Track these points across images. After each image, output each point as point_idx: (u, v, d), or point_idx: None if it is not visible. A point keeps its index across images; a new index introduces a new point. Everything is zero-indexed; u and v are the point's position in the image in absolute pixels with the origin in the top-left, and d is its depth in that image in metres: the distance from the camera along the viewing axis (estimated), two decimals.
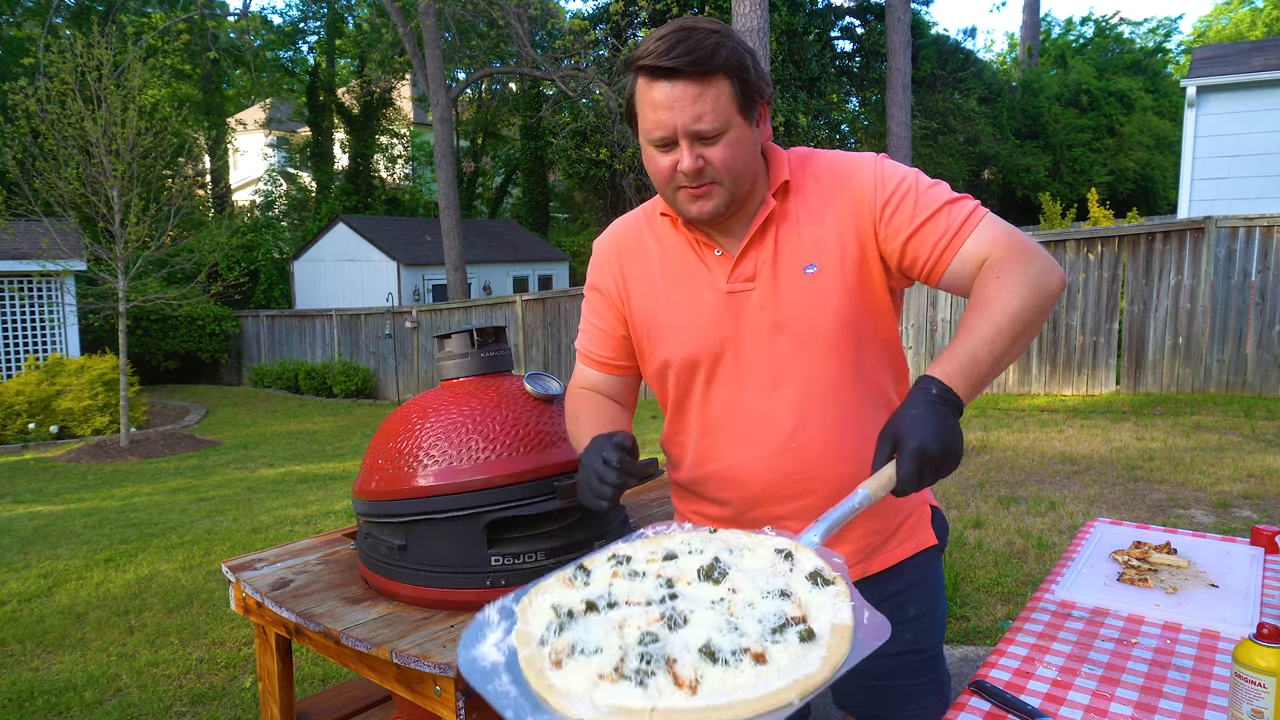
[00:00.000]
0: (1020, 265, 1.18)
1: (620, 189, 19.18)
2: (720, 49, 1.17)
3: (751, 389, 1.31)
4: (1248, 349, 7.36)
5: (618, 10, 16.49)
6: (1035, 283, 1.17)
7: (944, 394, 1.08)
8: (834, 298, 1.27)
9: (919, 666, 1.45)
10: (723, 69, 1.18)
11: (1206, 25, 37.51)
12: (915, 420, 1.06)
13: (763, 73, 1.24)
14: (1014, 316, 1.14)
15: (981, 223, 1.23)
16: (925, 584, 1.46)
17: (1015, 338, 1.14)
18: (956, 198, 1.26)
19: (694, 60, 1.16)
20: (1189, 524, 4.21)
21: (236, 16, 21.28)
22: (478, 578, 1.64)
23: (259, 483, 7.70)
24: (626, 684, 0.77)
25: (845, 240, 1.28)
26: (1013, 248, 1.21)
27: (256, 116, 26.84)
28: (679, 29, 1.19)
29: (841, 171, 1.31)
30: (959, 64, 25.57)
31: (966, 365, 1.11)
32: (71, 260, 11.95)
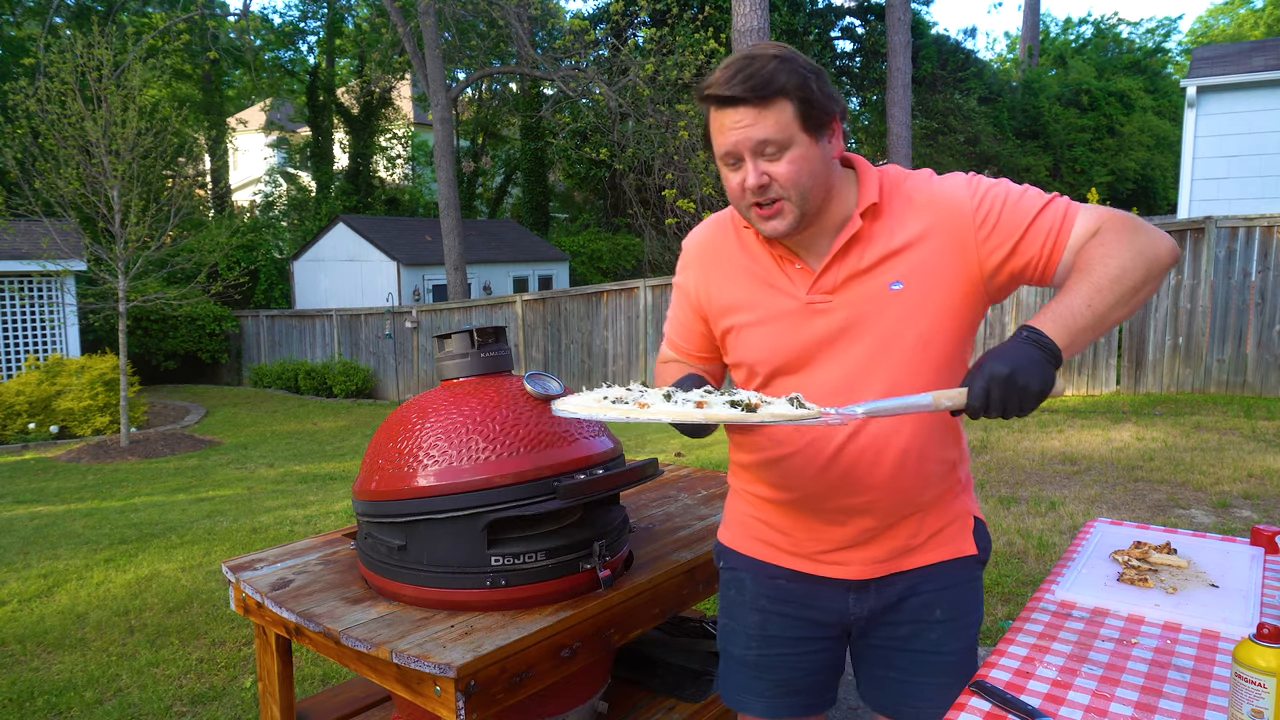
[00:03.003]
0: (1124, 233, 1.23)
1: (620, 189, 19.17)
2: (779, 73, 1.22)
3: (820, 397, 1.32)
4: (1248, 349, 7.36)
5: (618, 10, 16.49)
6: (1140, 248, 1.21)
7: (1034, 335, 1.15)
8: (917, 316, 1.31)
9: (942, 668, 1.46)
10: (783, 92, 1.22)
11: (1206, 25, 37.51)
12: (998, 350, 1.13)
13: (829, 91, 1.27)
14: (1115, 277, 1.19)
15: (1082, 210, 1.28)
16: (956, 590, 1.47)
17: (1117, 299, 1.19)
18: (1052, 197, 1.31)
19: (753, 87, 1.21)
20: (1189, 524, 4.21)
21: (236, 16, 21.28)
22: (478, 578, 1.64)
23: (259, 483, 7.70)
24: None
25: (937, 261, 1.31)
26: (1117, 220, 1.26)
27: (256, 117, 26.84)
28: (742, 58, 1.24)
29: (935, 192, 1.34)
30: (959, 64, 25.57)
31: (1062, 315, 1.17)
32: (72, 260, 11.95)
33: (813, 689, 1.52)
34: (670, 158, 14.45)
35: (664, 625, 2.47)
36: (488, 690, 1.46)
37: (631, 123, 15.14)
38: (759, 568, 1.51)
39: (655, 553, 1.98)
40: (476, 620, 1.60)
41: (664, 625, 2.47)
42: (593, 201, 23.85)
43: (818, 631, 1.49)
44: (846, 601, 1.46)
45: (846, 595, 1.46)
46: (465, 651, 1.45)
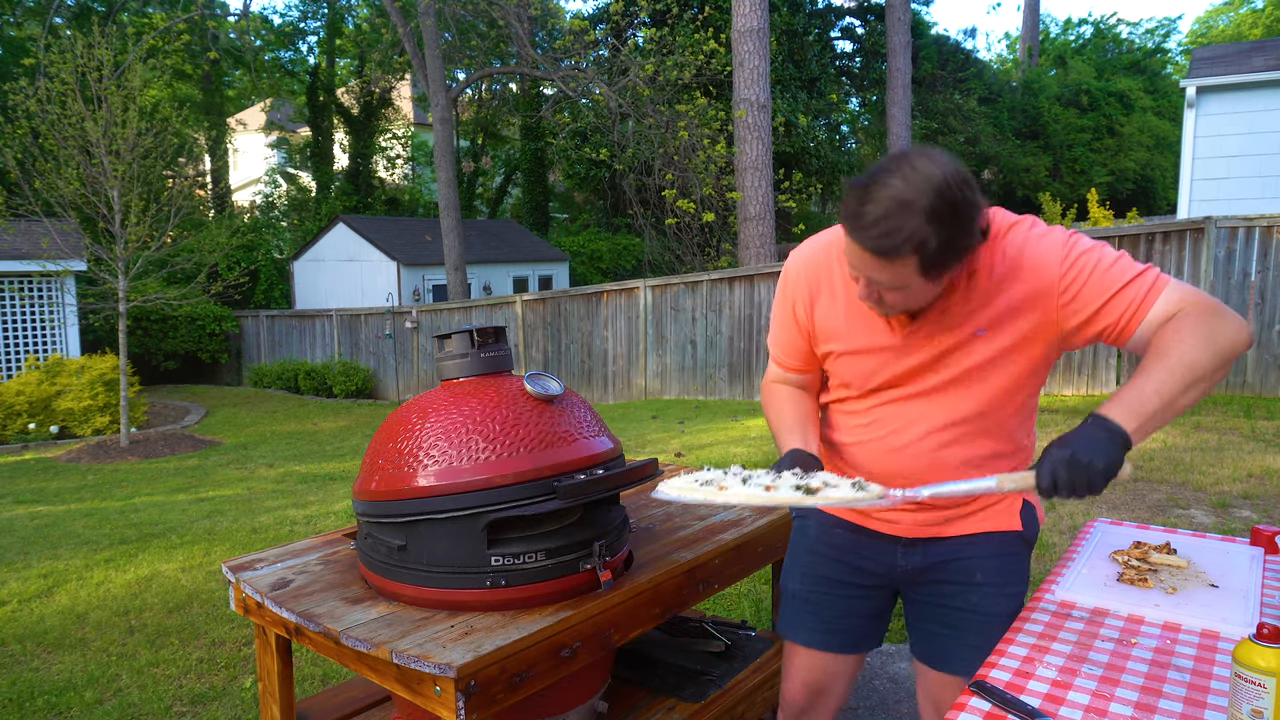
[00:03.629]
0: (1200, 320, 1.29)
1: (620, 189, 19.17)
2: (902, 235, 1.23)
3: (901, 423, 1.53)
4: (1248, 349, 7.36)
5: (618, 10, 16.49)
6: (1213, 336, 1.28)
7: (1101, 421, 1.25)
8: (997, 361, 1.45)
9: (979, 628, 1.59)
10: (909, 250, 1.25)
11: (1206, 25, 37.51)
12: (1066, 435, 1.26)
13: (955, 243, 1.27)
14: (1187, 365, 1.26)
15: (1167, 288, 1.35)
16: (998, 559, 1.60)
17: (1186, 385, 1.26)
18: (1141, 270, 1.37)
19: (881, 248, 1.25)
20: (1189, 524, 4.21)
21: (237, 17, 21.27)
22: (478, 578, 1.64)
23: (259, 483, 7.70)
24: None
25: (1019, 315, 1.41)
26: (1197, 306, 1.32)
27: (256, 117, 26.83)
28: (882, 202, 1.24)
29: (1029, 254, 1.40)
30: (959, 64, 25.58)
31: (1131, 401, 1.26)
32: (72, 260, 11.95)
33: (853, 630, 1.72)
34: (670, 158, 14.44)
35: (664, 625, 2.47)
36: (488, 690, 1.46)
37: (631, 123, 15.15)
38: (821, 516, 1.73)
39: (655, 553, 1.98)
40: (476, 620, 1.60)
41: (664, 625, 2.47)
42: (593, 201, 23.85)
43: (865, 579, 1.68)
44: (895, 555, 1.64)
45: (895, 550, 1.64)
46: (465, 651, 1.45)
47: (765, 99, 12.21)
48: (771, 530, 2.21)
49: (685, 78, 14.36)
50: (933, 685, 1.68)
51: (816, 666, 1.74)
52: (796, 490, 1.31)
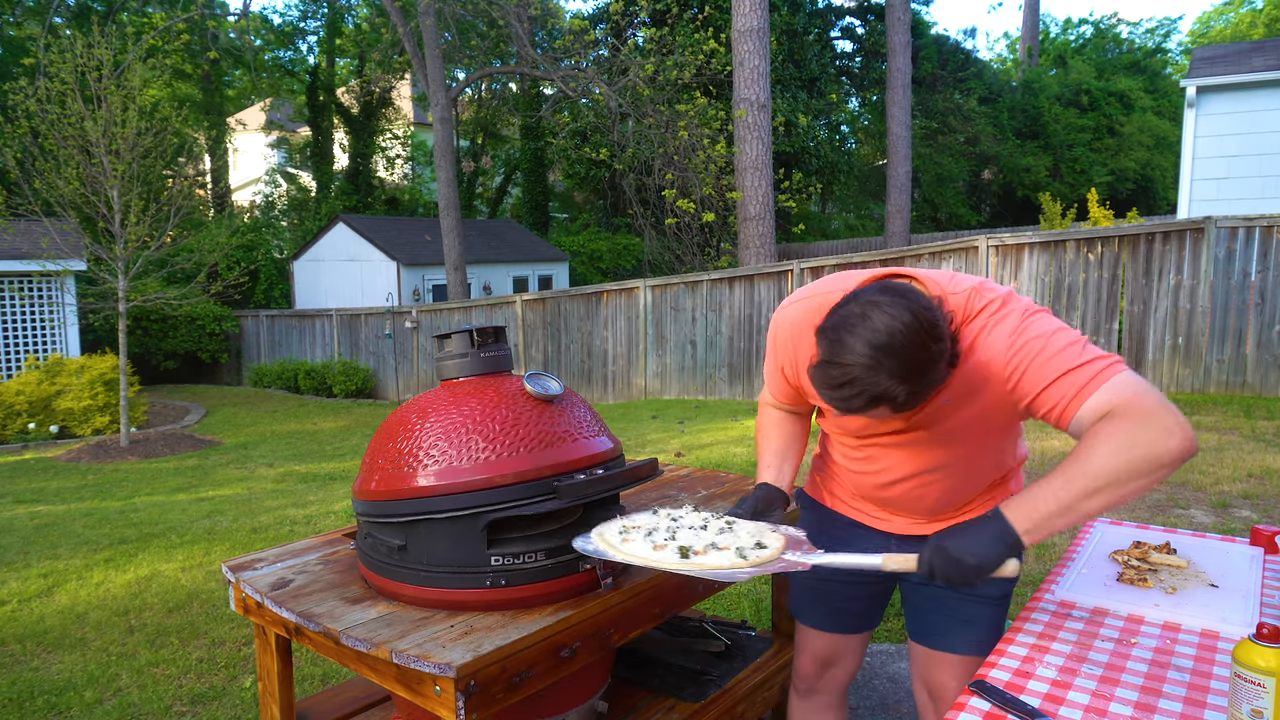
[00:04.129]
0: (1122, 427, 1.28)
1: (620, 189, 19.17)
2: (868, 396, 1.30)
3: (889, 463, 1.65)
4: (1248, 349, 7.36)
5: (618, 10, 16.49)
6: (1131, 445, 1.26)
7: (997, 519, 1.33)
8: (967, 423, 1.52)
9: (966, 606, 1.70)
10: (876, 406, 1.33)
11: (1206, 25, 37.51)
12: (958, 526, 1.37)
13: (922, 389, 1.32)
14: (1089, 473, 1.28)
15: (1110, 382, 1.32)
16: None
17: (1087, 492, 1.28)
18: (1086, 361, 1.36)
19: (849, 409, 1.34)
20: (1189, 524, 4.21)
21: (236, 16, 21.27)
22: (478, 578, 1.64)
23: (259, 483, 7.70)
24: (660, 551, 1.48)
25: (980, 393, 1.47)
26: (1131, 409, 1.29)
27: (256, 117, 26.82)
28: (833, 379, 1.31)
29: (982, 343, 1.45)
30: (959, 64, 25.57)
31: (1029, 502, 1.33)
32: (71, 260, 11.95)
33: (855, 612, 1.86)
34: (670, 158, 14.44)
35: (664, 625, 2.47)
36: (488, 690, 1.46)
37: (631, 123, 15.14)
38: (822, 510, 1.87)
39: None
40: (476, 620, 1.60)
41: (664, 625, 2.47)
42: (593, 201, 23.85)
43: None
44: (889, 546, 1.75)
45: (888, 544, 1.75)
46: (465, 651, 1.45)
47: (765, 99, 12.21)
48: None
49: (685, 77, 14.35)
50: (922, 661, 1.78)
51: (824, 644, 1.90)
52: (678, 554, 1.45)
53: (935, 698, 1.77)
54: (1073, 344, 1.38)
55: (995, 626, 1.71)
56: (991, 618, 1.70)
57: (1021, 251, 8.40)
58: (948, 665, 1.74)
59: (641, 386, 11.61)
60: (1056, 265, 8.20)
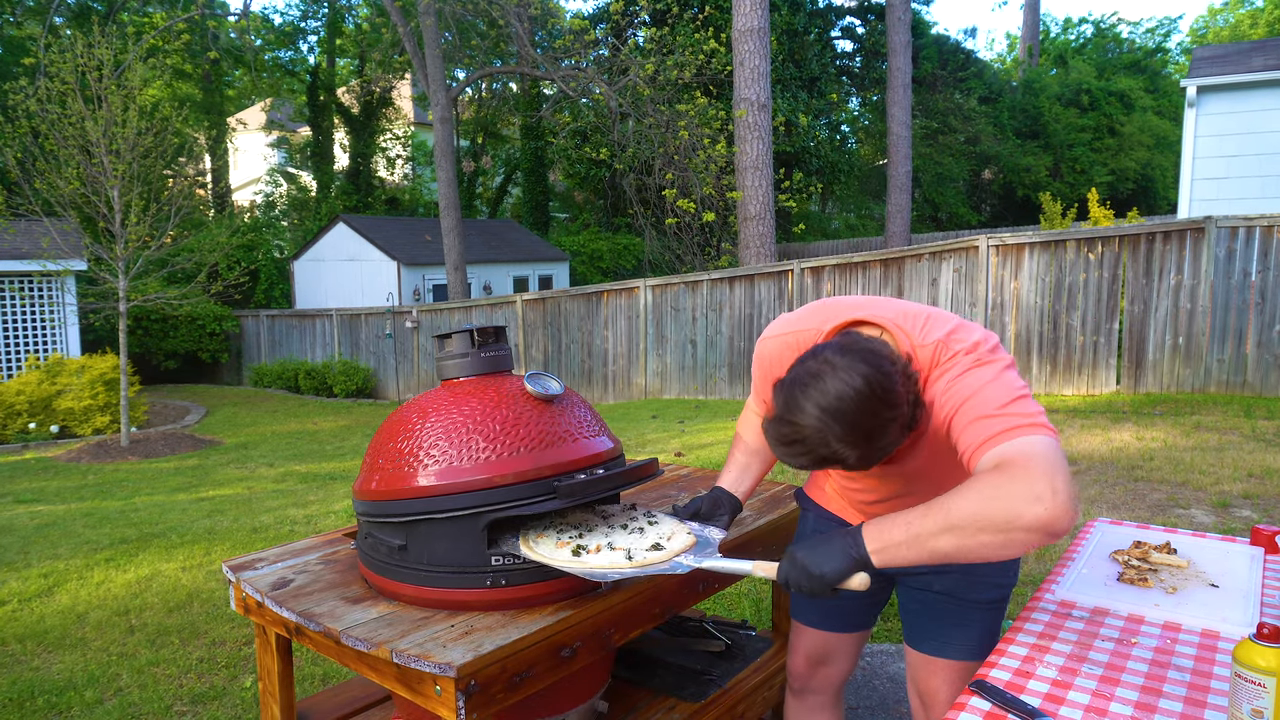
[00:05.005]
0: (1000, 479, 1.24)
1: (620, 189, 19.18)
2: (819, 456, 1.36)
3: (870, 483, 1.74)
4: (1248, 349, 7.36)
5: (618, 10, 16.50)
6: (993, 496, 1.22)
7: (853, 536, 1.35)
8: (929, 459, 1.57)
9: (955, 611, 1.71)
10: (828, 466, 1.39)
11: (1206, 25, 37.50)
12: (817, 539, 1.40)
13: (873, 451, 1.36)
14: (944, 510, 1.26)
15: (1017, 439, 1.28)
16: None
17: (939, 529, 1.25)
18: (1003, 414, 1.32)
19: (802, 466, 1.42)
20: (1189, 524, 4.21)
21: (237, 16, 21.27)
22: (478, 578, 1.64)
23: (259, 482, 7.71)
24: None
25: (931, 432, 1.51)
26: (1014, 465, 1.25)
27: (257, 117, 26.82)
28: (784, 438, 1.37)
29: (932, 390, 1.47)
30: (959, 64, 25.57)
31: (884, 527, 1.33)
32: (72, 260, 11.95)
33: (847, 612, 1.89)
34: (670, 158, 14.45)
35: (664, 625, 2.47)
36: (488, 690, 1.46)
37: (631, 122, 15.15)
38: (819, 510, 1.93)
39: None
40: (476, 620, 1.60)
41: (664, 625, 2.47)
42: (593, 201, 23.85)
43: None
44: None
45: None
46: (465, 651, 1.45)
47: (765, 98, 12.20)
48: (772, 530, 2.21)
49: (685, 77, 14.36)
50: (914, 666, 1.80)
51: (816, 642, 1.92)
52: (570, 552, 1.58)
53: (926, 703, 1.77)
54: (1008, 399, 1.34)
55: (987, 632, 1.70)
56: (982, 623, 1.70)
57: (1022, 251, 8.40)
58: (939, 670, 1.73)
59: (642, 386, 11.61)
60: (1057, 265, 8.20)
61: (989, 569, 1.69)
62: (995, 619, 1.71)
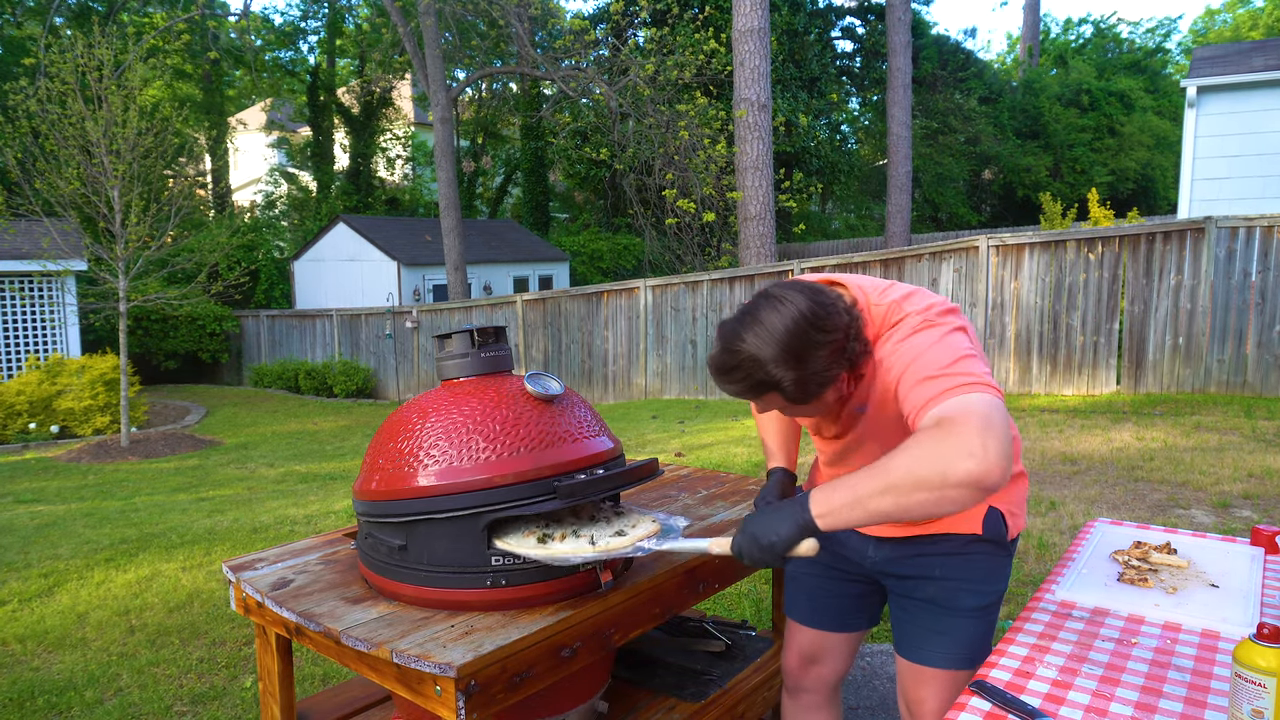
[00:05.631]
0: (936, 435, 1.26)
1: (620, 189, 19.17)
2: (753, 381, 1.41)
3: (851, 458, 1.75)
4: (1248, 349, 7.36)
5: (618, 10, 16.50)
6: (931, 453, 1.24)
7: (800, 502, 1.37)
8: (876, 425, 1.60)
9: (939, 618, 1.69)
10: (766, 389, 1.42)
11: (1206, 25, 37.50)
12: (766, 509, 1.43)
13: (809, 379, 1.40)
14: (884, 469, 1.28)
15: (956, 398, 1.31)
16: (956, 557, 1.67)
17: (880, 489, 1.27)
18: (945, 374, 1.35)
19: (738, 393, 1.46)
20: (1189, 524, 4.21)
21: (237, 16, 21.27)
22: (478, 578, 1.64)
23: (259, 482, 7.71)
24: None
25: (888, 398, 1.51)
26: (950, 422, 1.26)
27: (257, 117, 26.82)
28: (723, 364, 1.43)
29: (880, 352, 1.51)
30: (959, 64, 25.57)
31: (828, 490, 1.35)
32: (72, 260, 11.95)
33: (836, 610, 1.90)
34: (670, 158, 14.44)
35: (664, 625, 2.47)
36: (488, 690, 1.46)
37: (632, 123, 15.14)
38: None
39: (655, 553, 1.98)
40: (477, 620, 1.60)
41: (664, 625, 2.47)
42: (593, 201, 23.85)
43: (843, 565, 1.86)
44: (867, 549, 1.79)
45: (867, 544, 1.79)
46: (465, 651, 1.45)
47: (766, 99, 12.20)
48: None
49: (685, 77, 14.36)
50: (900, 672, 1.80)
51: (808, 640, 1.93)
52: (539, 541, 1.63)
53: (913, 712, 1.74)
54: (951, 359, 1.36)
55: (973, 641, 1.66)
56: (967, 631, 1.66)
57: (1022, 251, 8.40)
58: (925, 679, 1.70)
59: (642, 386, 11.61)
60: (1057, 265, 8.20)
61: (977, 575, 1.66)
62: (982, 627, 1.68)
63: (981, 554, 1.66)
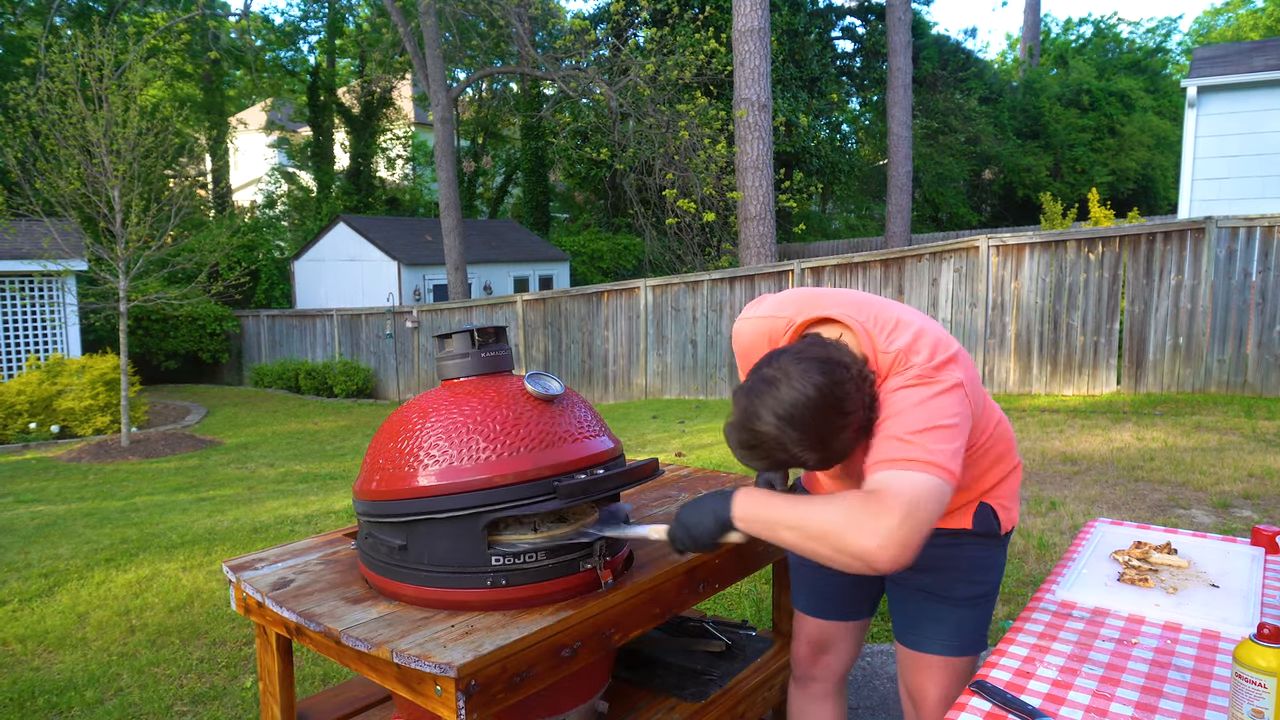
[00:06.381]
0: (862, 503, 1.32)
1: (621, 189, 19.18)
2: (776, 460, 1.42)
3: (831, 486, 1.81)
4: (1248, 349, 7.36)
5: (618, 10, 16.50)
6: (846, 519, 1.30)
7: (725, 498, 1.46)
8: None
9: (933, 607, 1.73)
10: (786, 467, 1.45)
11: (1206, 25, 37.49)
12: (698, 499, 1.51)
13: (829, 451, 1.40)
14: (808, 513, 1.35)
15: (904, 471, 1.33)
16: (947, 549, 1.69)
17: (793, 523, 1.36)
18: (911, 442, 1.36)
19: (763, 469, 1.48)
20: (1189, 524, 4.21)
21: (237, 16, 21.27)
22: (478, 578, 1.64)
23: (259, 482, 7.71)
24: None
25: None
26: (880, 495, 1.31)
27: (257, 117, 26.82)
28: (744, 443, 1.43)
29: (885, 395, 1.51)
30: (960, 64, 25.57)
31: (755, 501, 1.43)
32: (72, 260, 11.95)
33: (839, 598, 1.91)
34: (671, 158, 14.44)
35: (664, 625, 2.47)
36: (488, 690, 1.46)
37: (632, 123, 15.14)
38: None
39: (656, 553, 1.98)
40: (477, 620, 1.60)
41: (664, 625, 2.47)
42: (593, 201, 23.85)
43: None
44: None
45: None
46: (466, 651, 1.45)
47: (766, 99, 12.20)
48: None
49: (686, 77, 14.35)
50: (900, 660, 1.84)
51: (816, 629, 1.96)
52: None
53: (914, 698, 1.78)
54: (922, 427, 1.38)
55: (966, 628, 1.70)
56: (963, 620, 1.70)
57: (1022, 251, 8.40)
58: (924, 666, 1.74)
59: (642, 386, 11.61)
60: (1057, 265, 8.20)
61: (968, 566, 1.70)
62: (977, 615, 1.71)
63: (973, 545, 1.71)
